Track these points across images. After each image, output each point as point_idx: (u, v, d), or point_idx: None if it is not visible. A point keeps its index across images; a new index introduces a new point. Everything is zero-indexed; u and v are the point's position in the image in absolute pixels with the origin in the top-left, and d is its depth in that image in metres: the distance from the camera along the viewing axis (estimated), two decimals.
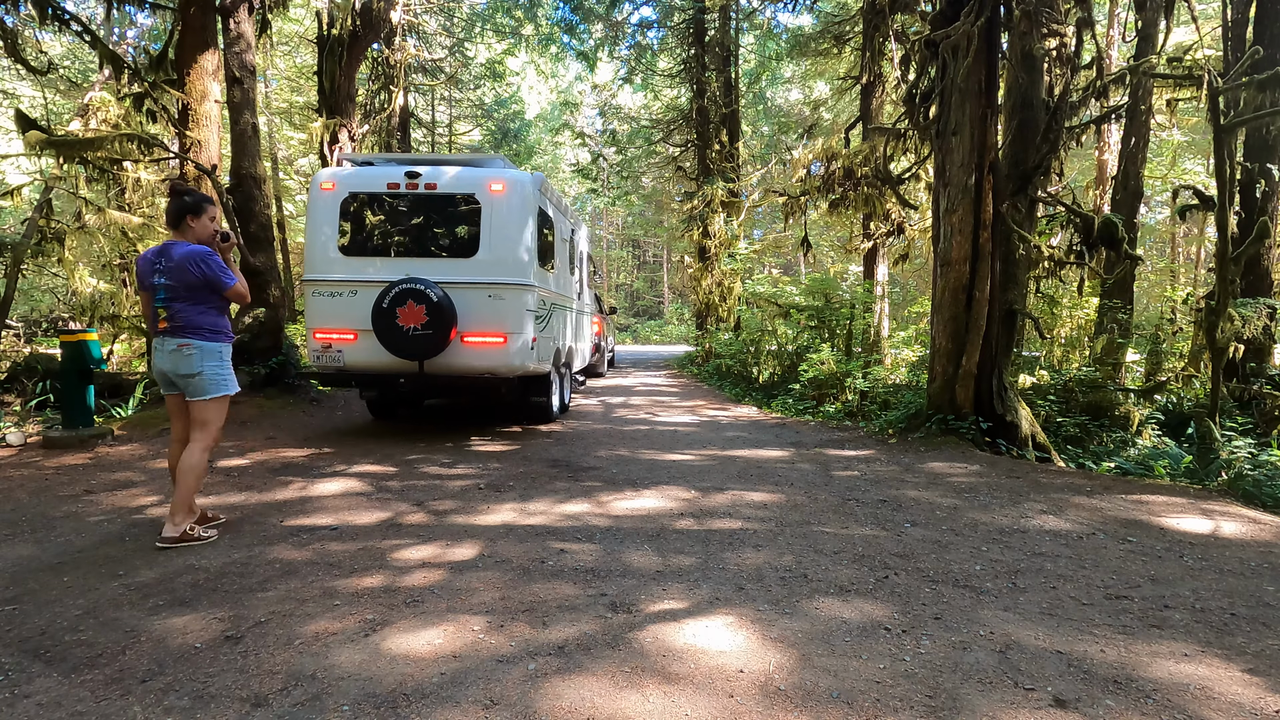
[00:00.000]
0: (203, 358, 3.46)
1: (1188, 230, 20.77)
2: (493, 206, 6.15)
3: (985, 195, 6.39)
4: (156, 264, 3.43)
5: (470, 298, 6.04)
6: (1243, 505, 4.56)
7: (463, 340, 6.06)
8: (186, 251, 3.43)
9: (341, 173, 6.54)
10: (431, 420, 7.80)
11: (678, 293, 43.74)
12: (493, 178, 6.20)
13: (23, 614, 2.63)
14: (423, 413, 8.36)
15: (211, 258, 3.48)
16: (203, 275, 3.43)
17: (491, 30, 19.34)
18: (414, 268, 6.11)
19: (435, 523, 3.87)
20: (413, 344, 5.87)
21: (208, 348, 3.48)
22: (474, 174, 6.30)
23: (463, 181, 6.27)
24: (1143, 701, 2.11)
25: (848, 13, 15.08)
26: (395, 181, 6.30)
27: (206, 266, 3.44)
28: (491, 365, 6.12)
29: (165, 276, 3.41)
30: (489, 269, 6.11)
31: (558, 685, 2.15)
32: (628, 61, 19.57)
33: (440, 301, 5.81)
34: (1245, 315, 7.05)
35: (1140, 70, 7.29)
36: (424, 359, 5.99)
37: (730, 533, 3.77)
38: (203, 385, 3.47)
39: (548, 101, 36.69)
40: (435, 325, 5.82)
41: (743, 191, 18.50)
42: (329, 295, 6.25)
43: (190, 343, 3.42)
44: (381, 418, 7.67)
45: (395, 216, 6.39)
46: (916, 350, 10.80)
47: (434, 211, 6.33)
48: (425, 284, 5.83)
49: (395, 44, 14.79)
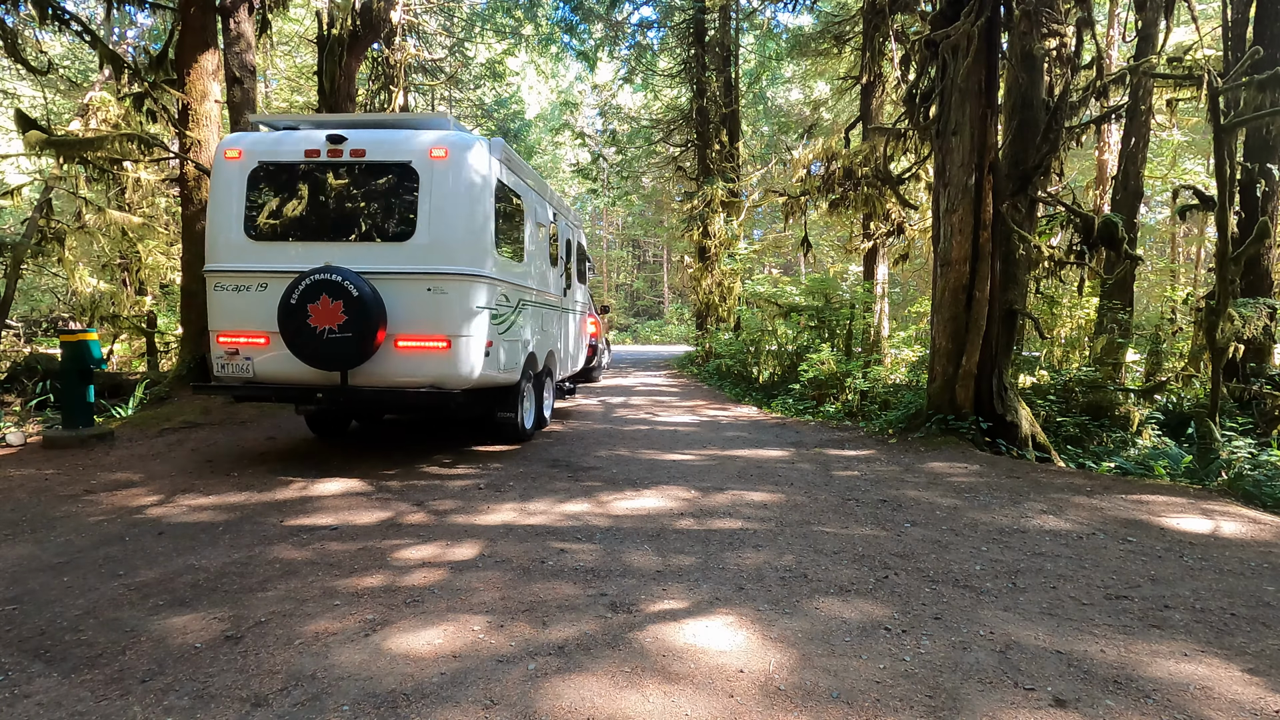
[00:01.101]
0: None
1: (1188, 230, 20.77)
2: (433, 177, 5.00)
3: (985, 195, 6.39)
4: None
5: (404, 292, 4.93)
6: (1243, 505, 4.56)
7: (396, 345, 4.94)
8: None
9: (250, 139, 5.36)
10: (430, 420, 7.77)
11: (678, 293, 43.74)
12: (434, 142, 5.04)
13: (23, 614, 2.63)
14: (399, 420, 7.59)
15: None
16: None
17: (491, 30, 19.35)
18: (336, 254, 5.01)
19: (435, 522, 3.87)
20: (328, 350, 4.77)
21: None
22: (410, 138, 5.15)
23: (396, 147, 5.11)
24: (1143, 701, 2.11)
25: (848, 13, 15.08)
26: (315, 148, 5.14)
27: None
28: (433, 376, 5.01)
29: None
30: (427, 256, 4.98)
31: (558, 685, 2.15)
32: (628, 61, 19.58)
33: (362, 296, 4.70)
34: (1245, 315, 7.05)
35: (1140, 70, 7.29)
36: (344, 368, 4.90)
37: (730, 533, 3.77)
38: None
39: (548, 101, 36.70)
40: (356, 326, 4.72)
41: (743, 191, 18.51)
42: (234, 290, 5.14)
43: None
44: (325, 435, 6.49)
45: (316, 191, 5.21)
46: (916, 350, 10.80)
47: (362, 184, 5.18)
48: (343, 275, 4.72)
49: (395, 44, 14.79)
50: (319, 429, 6.48)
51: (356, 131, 5.20)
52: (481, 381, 5.29)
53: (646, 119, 23.08)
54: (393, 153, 5.10)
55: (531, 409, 6.57)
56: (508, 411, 6.02)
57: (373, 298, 4.76)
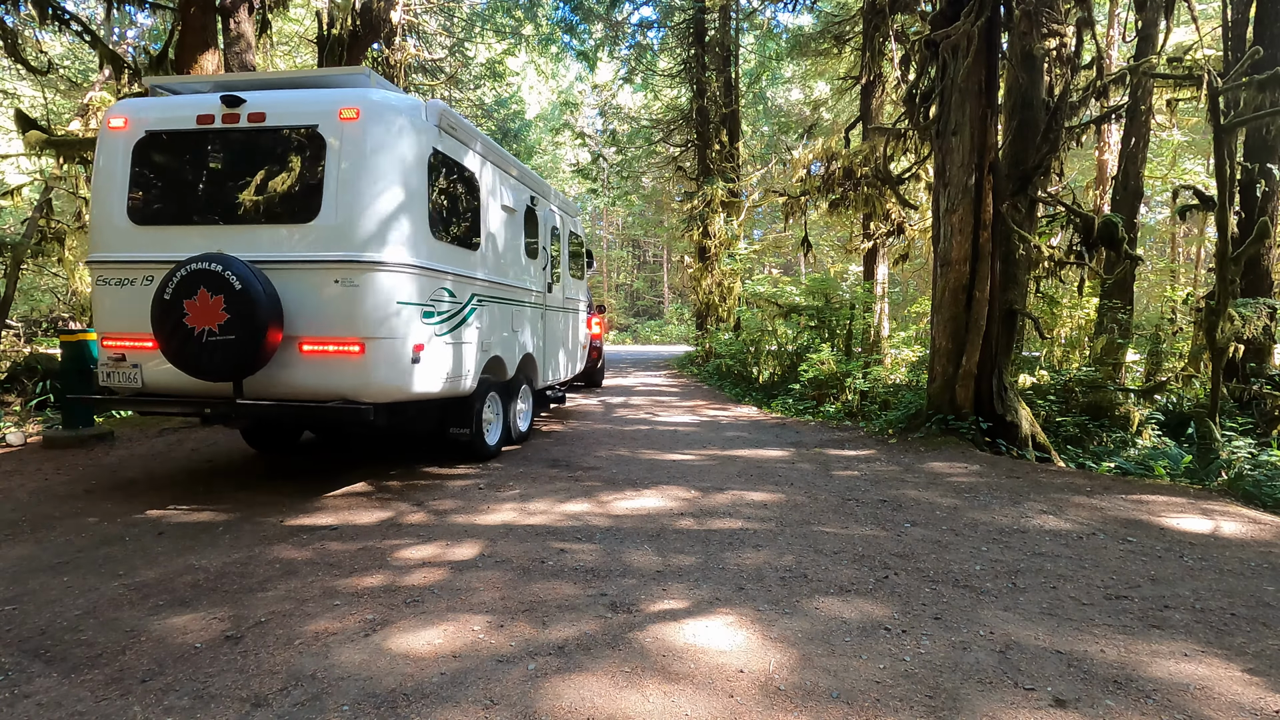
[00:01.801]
0: None
1: (1188, 230, 20.77)
2: (343, 143, 4.13)
3: (985, 195, 6.39)
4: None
5: (308, 284, 4.11)
6: (1243, 505, 4.56)
7: (300, 350, 4.12)
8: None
9: (137, 105, 4.54)
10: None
11: (678, 293, 43.75)
12: (344, 101, 4.17)
13: (23, 614, 2.63)
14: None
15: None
16: None
17: (491, 30, 19.34)
18: (231, 240, 4.21)
19: (436, 522, 3.87)
20: (207, 355, 3.93)
21: None
22: (317, 98, 4.28)
23: (301, 108, 4.25)
24: (1143, 701, 2.11)
25: (848, 13, 15.09)
26: (208, 113, 4.29)
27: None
28: (345, 387, 4.15)
29: None
30: (336, 240, 4.10)
31: (558, 685, 2.15)
32: (628, 61, 19.59)
33: (246, 290, 3.86)
34: (1245, 315, 7.05)
35: (1140, 70, 7.29)
36: (228, 378, 4.04)
37: (730, 532, 3.77)
38: None
39: (548, 101, 36.70)
40: (240, 326, 3.88)
41: (743, 191, 18.51)
42: (117, 284, 4.36)
43: None
44: (266, 451, 5.73)
45: (210, 165, 4.44)
46: (916, 350, 10.80)
47: (263, 155, 4.32)
48: (225, 263, 3.88)
49: (395, 44, 14.79)
50: (257, 443, 5.69)
51: (258, 93, 4.35)
52: (412, 393, 4.42)
53: (646, 119, 23.09)
54: (296, 115, 4.24)
55: (498, 422, 5.74)
56: (462, 427, 5.22)
57: (262, 291, 3.92)
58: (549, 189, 7.27)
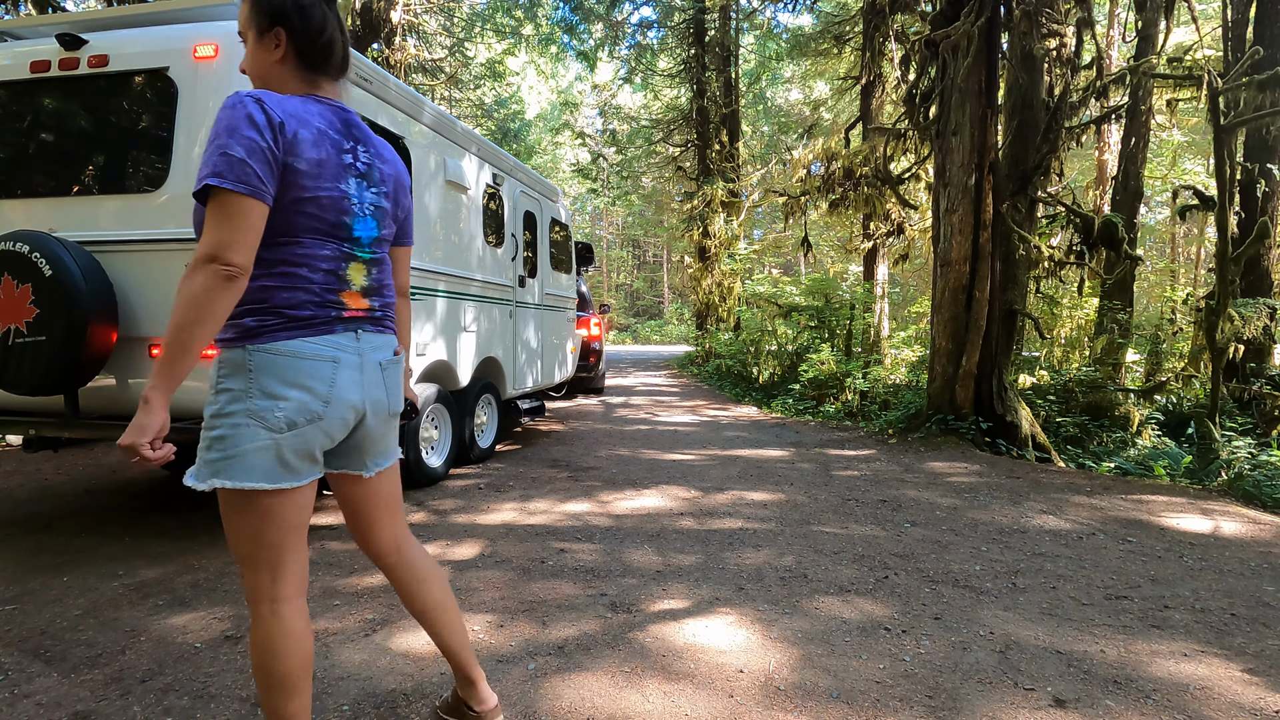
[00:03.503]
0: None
1: (1188, 230, 20.77)
2: (197, 89, 3.22)
3: (985, 195, 6.40)
4: (353, 149, 1.50)
5: (154, 269, 3.19)
6: (1243, 505, 4.56)
7: (151, 354, 3.21)
8: (397, 159, 1.65)
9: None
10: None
11: (678, 293, 43.76)
12: (202, 36, 3.27)
13: (23, 614, 2.63)
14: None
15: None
16: (410, 209, 1.70)
17: (491, 30, 19.34)
18: (62, 214, 3.33)
19: (436, 522, 3.87)
20: (14, 362, 3.02)
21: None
22: (168, 34, 3.34)
23: (147, 47, 3.33)
24: (1143, 701, 2.11)
25: (848, 13, 15.09)
26: (44, 59, 3.42)
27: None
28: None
29: (380, 189, 1.56)
30: (186, 212, 3.13)
31: (558, 685, 2.15)
32: (628, 61, 19.59)
33: (58, 277, 2.96)
34: (1245, 315, 7.05)
35: (1140, 70, 7.29)
36: (52, 390, 3.09)
37: (731, 532, 3.77)
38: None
39: (548, 101, 36.69)
40: (54, 324, 2.98)
41: (743, 191, 18.52)
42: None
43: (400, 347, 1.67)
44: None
45: (43, 122, 3.55)
46: (916, 350, 10.81)
47: (104, 108, 3.46)
48: (34, 243, 2.99)
49: (395, 44, 14.78)
50: (175, 467, 4.78)
51: (103, 33, 3.44)
52: None
53: (646, 119, 23.09)
54: (143, 56, 3.31)
55: (446, 439, 4.97)
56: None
57: (81, 278, 3.01)
58: (522, 168, 6.36)
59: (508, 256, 5.88)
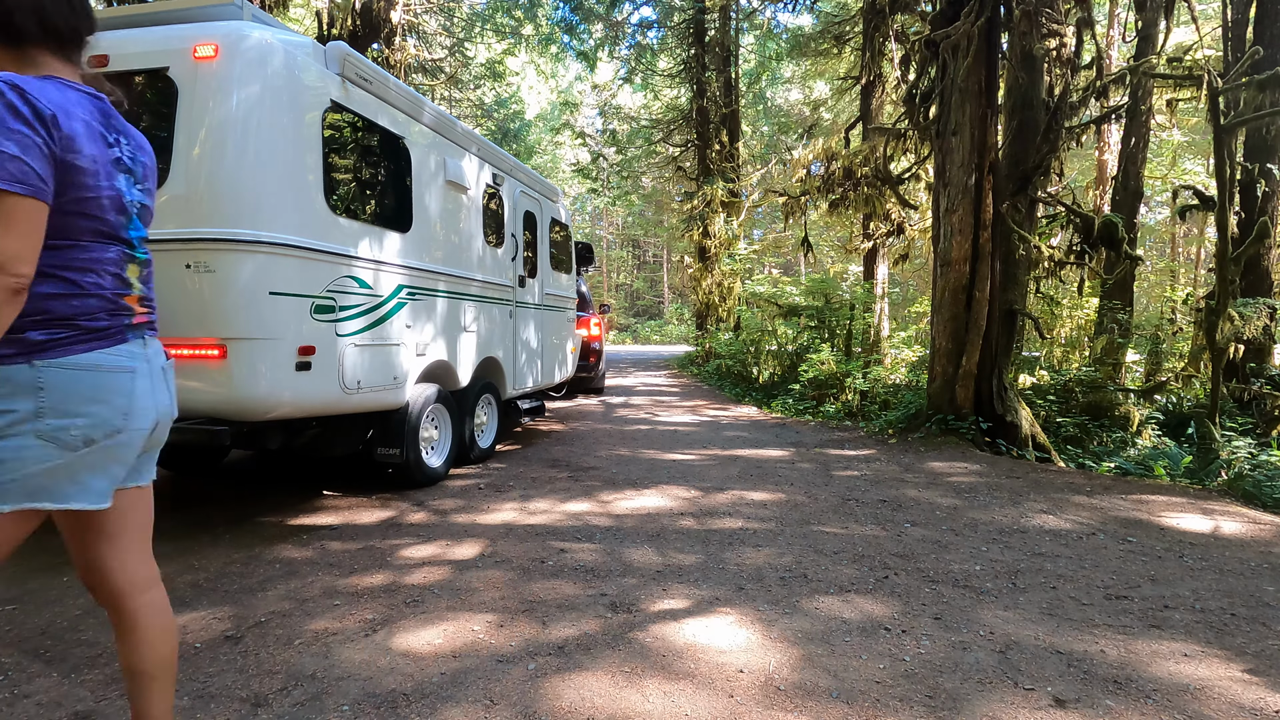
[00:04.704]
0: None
1: (1188, 230, 20.78)
2: (197, 89, 3.25)
3: (985, 195, 6.40)
4: (117, 142, 1.44)
5: (154, 270, 2.78)
6: (1243, 505, 4.56)
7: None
8: (150, 148, 1.61)
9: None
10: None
11: (678, 293, 43.77)
12: (202, 36, 3.31)
13: (23, 614, 2.63)
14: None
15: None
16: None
17: (491, 30, 19.34)
18: None
19: (437, 522, 3.87)
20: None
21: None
22: (169, 34, 3.40)
23: (148, 48, 3.37)
24: (1143, 701, 2.11)
25: (848, 13, 15.09)
26: None
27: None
28: (204, 402, 3.28)
29: (144, 185, 1.53)
30: (184, 212, 3.18)
31: (558, 685, 2.15)
32: (628, 61, 19.59)
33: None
34: (1245, 315, 7.06)
35: (1140, 70, 7.29)
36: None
37: (731, 532, 3.77)
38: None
39: (548, 101, 36.70)
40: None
41: (743, 191, 18.52)
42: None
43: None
44: (185, 474, 4.92)
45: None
46: (916, 350, 10.81)
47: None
48: None
49: (395, 44, 14.78)
50: (175, 466, 4.87)
51: (106, 33, 3.38)
52: (301, 408, 3.59)
53: (646, 119, 23.08)
54: (143, 56, 3.34)
55: (446, 439, 4.94)
56: (391, 447, 4.37)
57: None
58: (522, 168, 6.36)
59: (508, 256, 5.88)
